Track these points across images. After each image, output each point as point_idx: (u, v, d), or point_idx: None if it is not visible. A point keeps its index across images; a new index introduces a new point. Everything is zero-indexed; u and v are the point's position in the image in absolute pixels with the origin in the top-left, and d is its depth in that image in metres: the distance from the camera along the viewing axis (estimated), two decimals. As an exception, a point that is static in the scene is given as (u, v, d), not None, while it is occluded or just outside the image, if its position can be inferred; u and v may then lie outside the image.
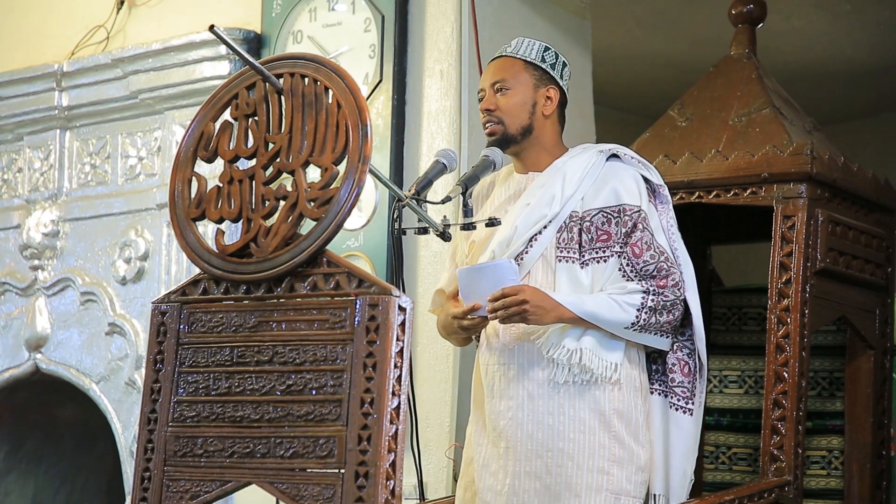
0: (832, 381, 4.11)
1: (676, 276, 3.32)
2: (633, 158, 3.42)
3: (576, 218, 3.34)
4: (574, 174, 3.35)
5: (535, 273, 3.34)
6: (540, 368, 3.30)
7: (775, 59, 5.34)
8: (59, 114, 5.39)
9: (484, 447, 3.40)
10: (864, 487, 3.98)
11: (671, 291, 3.29)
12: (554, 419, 3.28)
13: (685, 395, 3.36)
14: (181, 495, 2.70)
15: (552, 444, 3.28)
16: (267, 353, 2.67)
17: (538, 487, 3.29)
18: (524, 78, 3.40)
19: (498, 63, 3.44)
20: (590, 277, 3.30)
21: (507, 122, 3.39)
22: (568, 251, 3.33)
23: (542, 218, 3.33)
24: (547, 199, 3.34)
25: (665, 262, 3.31)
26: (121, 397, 5.15)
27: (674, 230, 3.41)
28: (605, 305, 3.25)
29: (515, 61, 3.42)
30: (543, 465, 3.29)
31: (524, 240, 3.33)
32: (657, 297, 3.27)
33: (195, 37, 4.91)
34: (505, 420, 3.33)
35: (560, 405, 3.29)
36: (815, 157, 3.73)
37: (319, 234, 2.63)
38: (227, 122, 2.80)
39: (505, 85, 3.40)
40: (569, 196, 3.34)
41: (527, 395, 3.30)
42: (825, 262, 3.75)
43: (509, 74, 3.41)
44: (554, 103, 3.43)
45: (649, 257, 3.30)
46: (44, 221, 5.42)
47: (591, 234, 3.33)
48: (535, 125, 3.41)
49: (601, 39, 5.33)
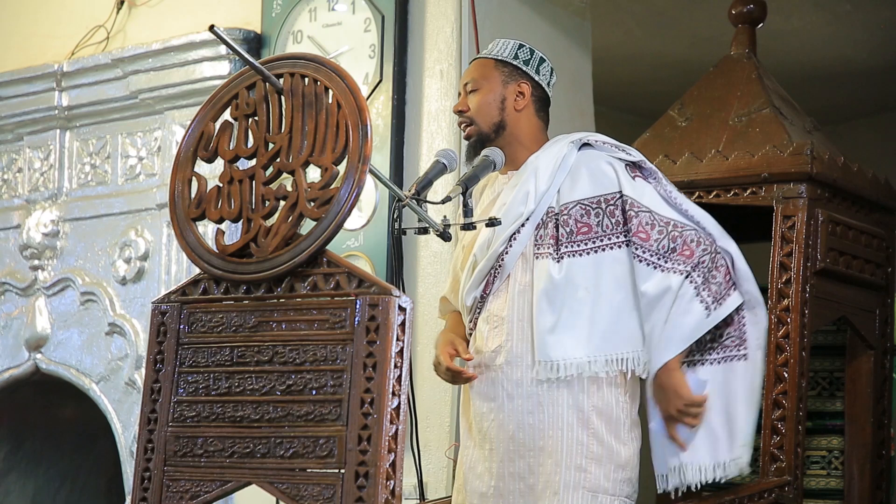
0: (832, 381, 4.11)
1: (696, 235, 3.28)
2: (606, 143, 3.38)
3: (552, 213, 3.32)
4: (546, 169, 3.33)
5: (516, 272, 3.33)
6: (518, 368, 3.29)
7: (775, 59, 5.34)
8: (59, 114, 5.39)
9: (470, 449, 3.39)
10: (864, 487, 3.98)
11: (701, 252, 3.26)
12: (534, 418, 3.28)
13: (734, 344, 3.34)
14: (181, 495, 2.70)
15: (533, 443, 3.28)
16: (267, 353, 2.67)
17: (522, 488, 3.29)
18: (493, 75, 3.41)
19: (471, 65, 3.48)
20: (563, 272, 3.26)
21: (478, 120, 3.39)
22: (545, 247, 3.31)
23: (519, 216, 3.32)
24: (521, 196, 3.33)
25: (676, 230, 3.27)
26: (121, 397, 5.15)
27: (675, 194, 3.36)
28: (678, 323, 3.23)
29: (487, 61, 3.43)
30: (526, 465, 3.29)
31: (503, 239, 3.32)
32: (698, 269, 3.25)
33: (195, 37, 4.91)
34: (488, 422, 3.33)
35: (539, 403, 3.27)
36: (815, 157, 3.73)
37: (319, 234, 2.63)
38: (227, 122, 2.80)
39: (475, 85, 3.41)
40: (543, 191, 3.31)
41: (506, 396, 3.30)
42: (825, 262, 3.75)
43: (479, 74, 3.42)
44: (526, 98, 3.41)
45: (658, 234, 3.27)
46: (44, 221, 5.42)
47: (569, 227, 3.30)
48: (508, 121, 3.40)
49: (601, 39, 5.33)
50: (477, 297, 3.36)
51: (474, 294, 3.37)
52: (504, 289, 3.34)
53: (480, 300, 3.36)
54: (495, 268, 3.34)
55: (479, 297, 3.36)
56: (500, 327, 3.32)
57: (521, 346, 3.30)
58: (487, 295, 3.35)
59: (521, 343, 3.30)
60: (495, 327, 3.33)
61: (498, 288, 3.34)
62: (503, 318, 3.32)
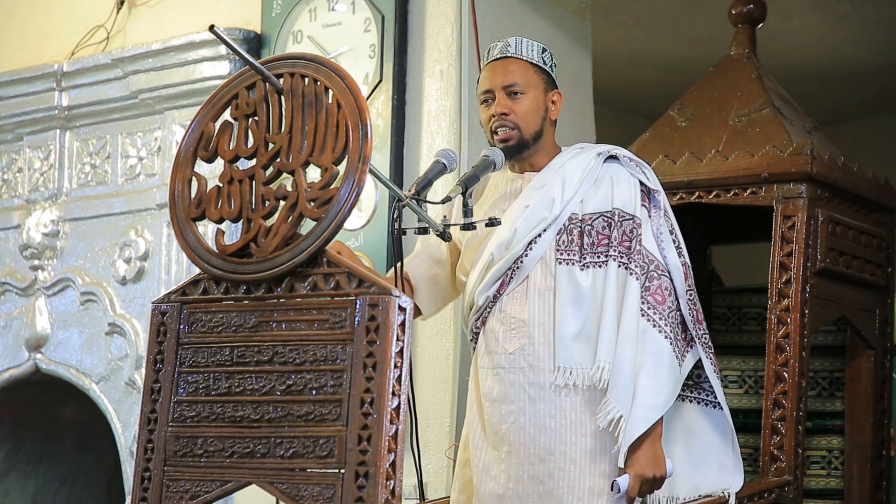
0: (832, 381, 4.11)
1: (668, 284, 3.31)
2: (632, 161, 3.40)
3: (576, 220, 3.33)
4: (573, 176, 3.34)
5: (535, 276, 3.33)
6: (541, 372, 3.29)
7: (775, 59, 5.34)
8: (59, 114, 5.39)
9: (483, 451, 3.38)
10: (864, 487, 3.98)
11: (671, 303, 3.30)
12: (556, 423, 3.27)
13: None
14: (181, 495, 2.70)
15: (554, 447, 3.27)
16: (267, 353, 2.67)
17: (541, 491, 3.28)
18: (535, 82, 3.37)
19: (505, 64, 3.37)
20: (590, 280, 3.29)
21: (524, 127, 3.35)
22: (568, 253, 3.32)
23: (542, 221, 3.32)
24: (547, 201, 3.33)
25: (658, 271, 3.31)
26: (121, 397, 5.15)
27: (664, 237, 3.37)
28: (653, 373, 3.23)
29: (523, 63, 3.37)
30: (546, 469, 3.28)
31: (524, 243, 3.32)
32: (668, 320, 3.28)
33: (195, 37, 4.91)
34: (507, 424, 3.31)
35: (562, 409, 3.27)
36: (815, 157, 3.73)
37: (319, 234, 2.63)
38: (227, 122, 2.80)
39: (519, 89, 3.35)
40: (569, 199, 3.32)
41: (528, 399, 3.29)
42: (825, 262, 3.75)
43: (521, 78, 3.36)
44: (558, 108, 3.42)
45: (642, 263, 3.30)
46: (44, 221, 5.42)
47: (592, 237, 3.31)
48: (545, 130, 3.40)
49: (601, 39, 5.33)
50: (490, 296, 3.35)
51: (487, 294, 3.35)
52: (521, 291, 3.33)
53: (493, 300, 3.36)
54: (512, 269, 3.33)
55: (493, 296, 3.36)
56: (518, 329, 3.31)
57: (542, 350, 3.29)
58: (501, 295, 3.35)
59: (543, 347, 3.29)
60: (513, 329, 3.32)
61: (514, 289, 3.34)
62: (524, 321, 3.31)
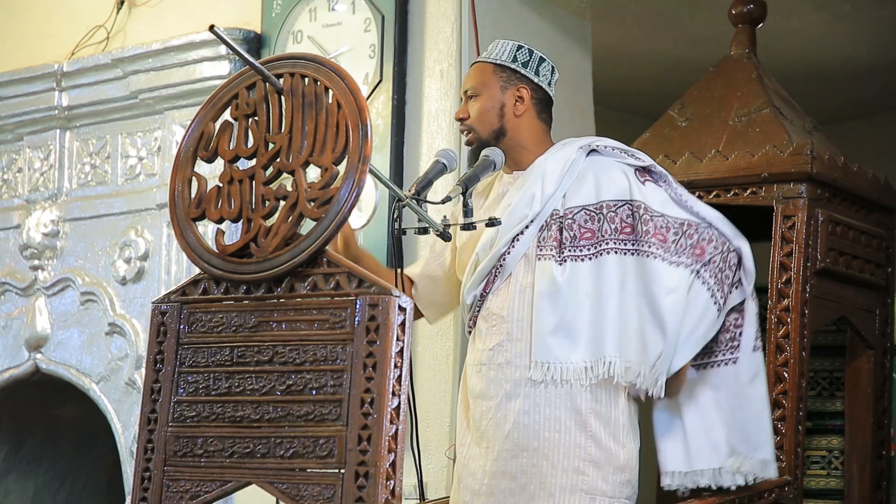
0: (832, 381, 4.11)
1: (709, 234, 3.31)
2: (615, 149, 3.39)
3: (556, 216, 3.33)
4: (554, 172, 3.34)
5: (517, 272, 3.33)
6: (517, 368, 3.29)
7: (775, 59, 5.33)
8: (59, 114, 5.39)
9: (467, 446, 3.40)
10: (864, 487, 3.98)
11: (713, 249, 3.29)
12: (530, 418, 3.27)
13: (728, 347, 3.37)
14: (181, 495, 2.70)
15: (528, 443, 3.27)
16: (267, 353, 2.67)
17: (514, 487, 3.29)
18: (491, 82, 3.41)
19: (470, 71, 3.48)
20: (566, 275, 3.27)
21: (478, 128, 3.40)
22: (548, 248, 3.32)
23: (524, 218, 3.33)
24: (527, 198, 3.34)
25: (691, 229, 3.30)
26: (121, 397, 5.15)
27: (685, 196, 3.37)
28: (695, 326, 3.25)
29: (485, 66, 3.44)
30: (519, 465, 3.28)
31: (507, 240, 3.33)
32: (708, 267, 3.27)
33: (195, 37, 4.91)
34: (486, 420, 3.33)
35: (536, 404, 3.27)
36: (815, 157, 3.73)
37: (319, 234, 2.63)
38: (227, 122, 2.80)
39: (474, 91, 3.42)
40: (549, 194, 3.33)
41: (504, 395, 3.30)
42: (825, 262, 3.75)
43: (478, 80, 3.42)
44: (526, 102, 3.42)
45: (674, 235, 3.29)
46: (44, 221, 5.41)
47: (573, 231, 3.31)
48: (508, 127, 3.41)
49: (601, 39, 5.33)
50: (477, 295, 3.37)
51: (474, 293, 3.37)
52: (504, 288, 3.35)
53: (480, 298, 3.37)
54: (496, 267, 3.35)
55: (479, 295, 3.37)
56: (498, 326, 3.32)
57: (519, 345, 3.30)
58: (487, 294, 3.36)
59: (520, 343, 3.30)
60: (493, 325, 3.33)
61: (498, 287, 3.35)
62: (503, 318, 3.32)
